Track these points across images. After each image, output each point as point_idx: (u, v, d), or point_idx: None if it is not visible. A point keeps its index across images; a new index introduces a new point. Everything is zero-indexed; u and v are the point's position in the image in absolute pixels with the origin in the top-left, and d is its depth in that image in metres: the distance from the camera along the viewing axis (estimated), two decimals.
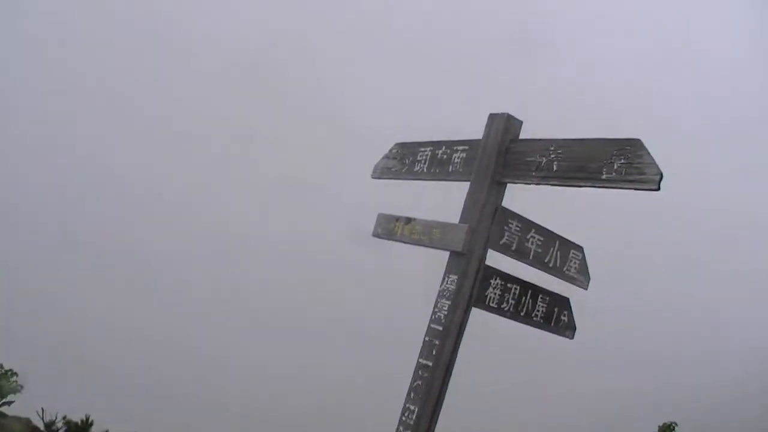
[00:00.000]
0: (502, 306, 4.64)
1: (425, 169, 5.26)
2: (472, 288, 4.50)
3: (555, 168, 4.33)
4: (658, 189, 3.83)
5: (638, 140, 4.02)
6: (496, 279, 4.62)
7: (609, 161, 4.06)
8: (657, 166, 3.84)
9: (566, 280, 4.74)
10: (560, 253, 4.68)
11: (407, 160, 5.47)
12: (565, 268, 4.69)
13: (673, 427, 12.15)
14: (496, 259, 4.65)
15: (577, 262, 4.75)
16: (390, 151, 5.73)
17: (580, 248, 4.79)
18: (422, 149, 5.37)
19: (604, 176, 4.07)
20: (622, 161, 4.00)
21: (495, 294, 4.60)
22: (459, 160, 4.96)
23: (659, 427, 12.23)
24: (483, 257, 4.52)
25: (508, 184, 4.62)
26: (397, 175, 5.56)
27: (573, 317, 4.99)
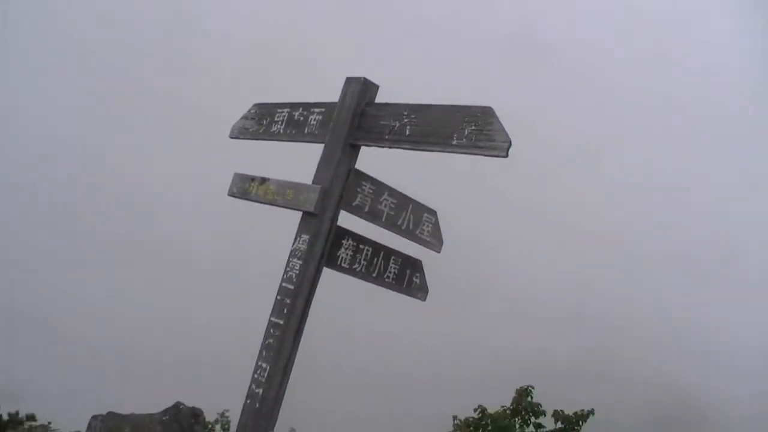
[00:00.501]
0: (353, 266, 4.71)
1: (282, 130, 5.25)
2: (324, 248, 4.55)
3: (408, 132, 4.41)
4: (506, 156, 3.96)
5: (489, 108, 4.14)
6: (347, 240, 4.69)
7: (460, 127, 4.16)
8: (506, 134, 3.97)
9: (419, 243, 4.86)
10: (413, 217, 4.78)
11: (265, 121, 5.44)
12: (417, 231, 4.80)
13: (530, 391, 12.58)
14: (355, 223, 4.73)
15: (430, 225, 4.87)
16: (248, 111, 5.69)
17: (433, 212, 4.92)
18: (280, 110, 5.35)
19: (454, 142, 4.16)
20: (473, 128, 4.11)
21: (347, 254, 4.66)
22: (315, 122, 4.97)
23: (517, 390, 12.64)
24: (335, 218, 4.57)
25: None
26: (254, 136, 5.53)
27: (425, 279, 5.14)
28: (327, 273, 4.71)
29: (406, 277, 5.00)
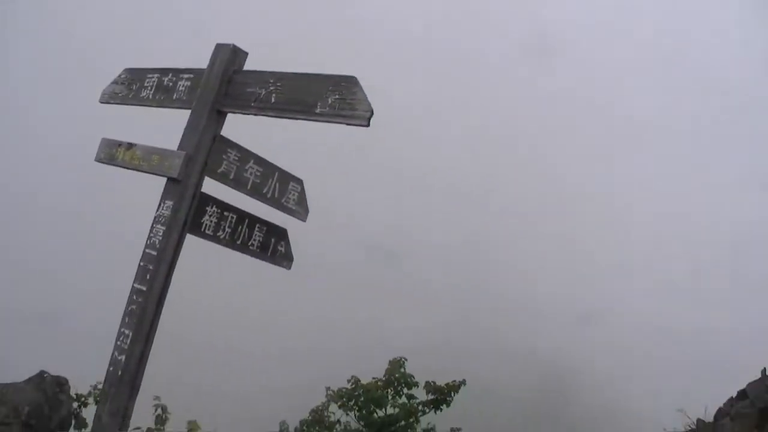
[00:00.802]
0: (218, 234, 4.70)
1: (151, 96, 5.17)
2: (187, 214, 4.51)
3: (273, 100, 4.43)
4: (368, 125, 4.03)
5: (353, 77, 4.20)
6: (212, 207, 4.67)
7: (324, 96, 4.21)
8: (368, 103, 4.05)
9: (285, 212, 4.86)
10: (279, 185, 4.78)
11: (134, 86, 5.34)
12: (283, 200, 4.81)
13: (403, 363, 12.79)
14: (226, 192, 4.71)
15: (296, 194, 4.89)
16: (119, 76, 5.57)
17: (299, 181, 4.93)
18: (150, 75, 5.26)
19: (318, 110, 4.21)
20: (336, 97, 4.16)
21: (211, 221, 4.65)
22: (183, 88, 4.92)
23: (390, 361, 12.82)
24: (199, 184, 4.54)
25: None
26: (123, 101, 5.42)
27: (290, 248, 5.15)
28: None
29: (271, 246, 5.01)
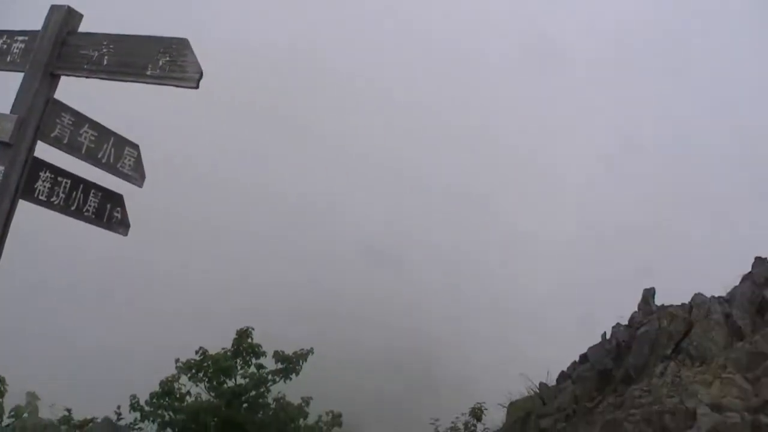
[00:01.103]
0: (51, 199, 4.59)
1: None
2: (19, 180, 4.40)
3: (105, 62, 4.40)
4: (197, 87, 4.07)
5: (185, 40, 4.22)
6: (45, 172, 4.56)
7: (155, 58, 4.23)
8: (198, 65, 4.11)
9: (121, 177, 4.79)
10: (114, 150, 4.72)
11: None
12: (119, 165, 4.75)
13: (250, 333, 12.90)
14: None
15: (132, 159, 4.83)
16: None
17: (135, 146, 4.87)
18: None
19: (149, 72, 4.24)
20: (167, 59, 4.19)
21: (44, 187, 4.54)
22: (17, 51, 4.80)
23: (237, 331, 12.91)
24: (32, 149, 4.42)
25: None
26: None
27: (126, 214, 5.07)
28: None
29: (107, 212, 4.92)
